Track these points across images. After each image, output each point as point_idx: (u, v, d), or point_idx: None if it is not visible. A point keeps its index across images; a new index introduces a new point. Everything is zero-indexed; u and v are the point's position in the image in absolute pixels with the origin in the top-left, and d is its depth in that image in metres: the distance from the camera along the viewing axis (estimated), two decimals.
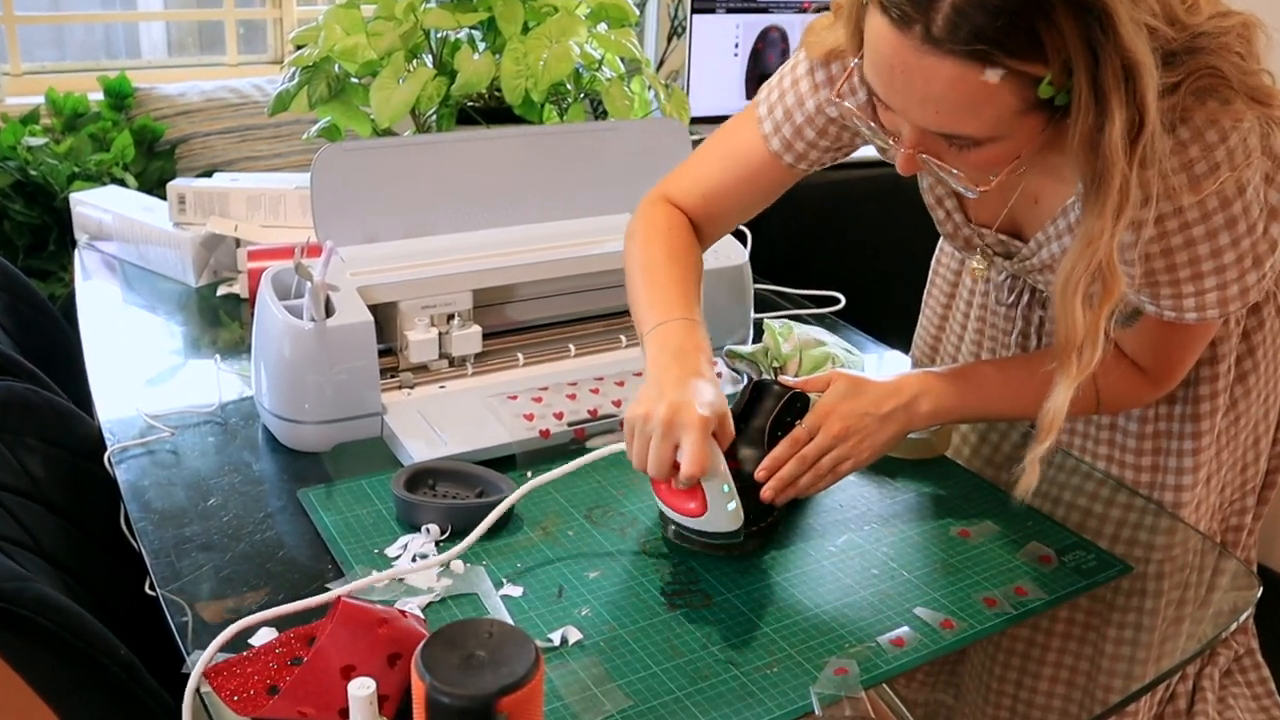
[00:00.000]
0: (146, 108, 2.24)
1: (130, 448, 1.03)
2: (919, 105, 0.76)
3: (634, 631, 0.81)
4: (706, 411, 0.80)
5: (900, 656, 0.79)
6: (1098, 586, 0.89)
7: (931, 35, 0.71)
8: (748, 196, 1.02)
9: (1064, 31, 0.69)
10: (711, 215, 1.02)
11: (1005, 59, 0.70)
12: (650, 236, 0.98)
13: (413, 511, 0.91)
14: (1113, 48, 0.69)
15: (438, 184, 1.19)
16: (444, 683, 0.60)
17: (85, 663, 0.78)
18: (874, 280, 1.83)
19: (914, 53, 0.72)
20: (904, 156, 0.81)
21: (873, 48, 0.76)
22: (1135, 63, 0.69)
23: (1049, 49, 0.70)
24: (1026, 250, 0.97)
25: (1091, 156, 0.73)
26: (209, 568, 0.86)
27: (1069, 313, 0.77)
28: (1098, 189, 0.74)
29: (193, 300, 1.40)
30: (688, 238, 1.00)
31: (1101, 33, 0.68)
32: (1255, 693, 1.13)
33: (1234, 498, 1.11)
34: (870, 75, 0.78)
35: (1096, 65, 0.70)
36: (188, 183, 1.47)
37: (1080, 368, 0.78)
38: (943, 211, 1.03)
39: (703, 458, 0.79)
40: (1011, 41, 0.69)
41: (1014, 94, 0.72)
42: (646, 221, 1.01)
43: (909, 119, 0.78)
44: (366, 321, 1.03)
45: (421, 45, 1.44)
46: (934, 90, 0.73)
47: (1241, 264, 0.85)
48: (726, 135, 1.02)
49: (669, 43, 2.52)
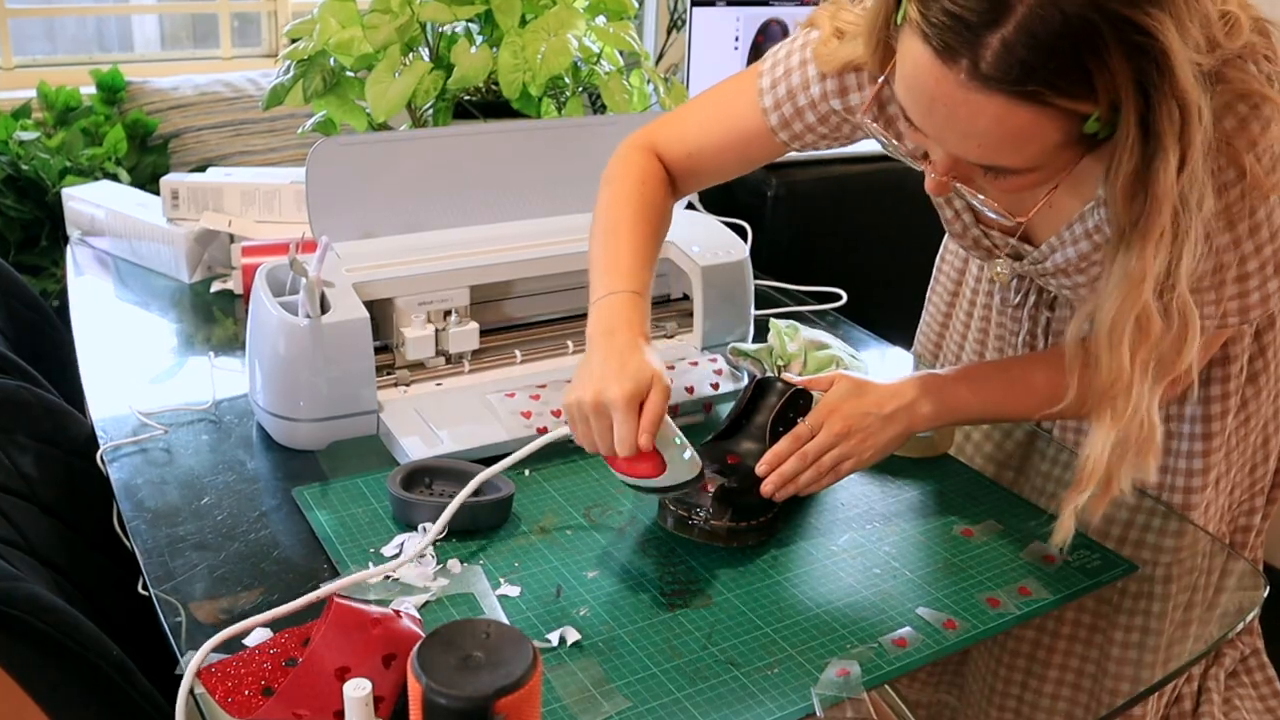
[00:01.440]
0: (139, 102, 2.22)
1: (123, 446, 1.03)
2: (960, 138, 0.73)
3: (633, 632, 0.80)
4: (628, 384, 0.81)
5: (903, 657, 0.79)
6: (1102, 586, 0.89)
7: (979, 71, 0.68)
8: (733, 162, 1.02)
9: (1115, 71, 0.67)
10: (694, 172, 1.02)
11: (1054, 98, 0.68)
12: (623, 189, 0.98)
13: (409, 510, 0.90)
14: (1168, 88, 0.67)
15: (434, 179, 1.19)
16: (441, 684, 0.59)
17: (77, 664, 0.77)
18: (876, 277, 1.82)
19: (960, 88, 0.70)
20: (934, 182, 0.80)
21: (911, 76, 0.73)
22: (1188, 102, 0.67)
23: (1099, 88, 0.68)
24: (1038, 254, 0.96)
25: (1136, 195, 0.71)
26: (203, 567, 0.85)
27: (1116, 360, 0.75)
28: (1141, 229, 0.72)
29: (186, 297, 1.39)
30: (660, 194, 0.99)
31: (1157, 74, 0.67)
32: (1261, 693, 1.13)
33: (1243, 498, 1.11)
34: (906, 101, 0.76)
35: (1148, 105, 0.68)
36: (181, 178, 1.46)
37: (1118, 415, 0.76)
38: (951, 211, 1.02)
39: (630, 435, 0.81)
40: (1061, 80, 0.67)
41: (1059, 130, 0.70)
42: (623, 169, 1.00)
43: (946, 148, 0.76)
44: (362, 318, 1.02)
45: (418, 38, 1.43)
46: (978, 126, 0.71)
47: (1264, 271, 0.84)
48: (724, 98, 1.00)
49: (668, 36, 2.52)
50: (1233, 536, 1.12)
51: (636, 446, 0.81)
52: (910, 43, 0.72)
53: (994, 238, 1.00)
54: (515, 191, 1.23)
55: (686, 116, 1.02)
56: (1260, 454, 1.08)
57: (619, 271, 0.91)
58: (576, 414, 0.84)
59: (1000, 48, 0.67)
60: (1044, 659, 0.83)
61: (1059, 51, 0.66)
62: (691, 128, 1.01)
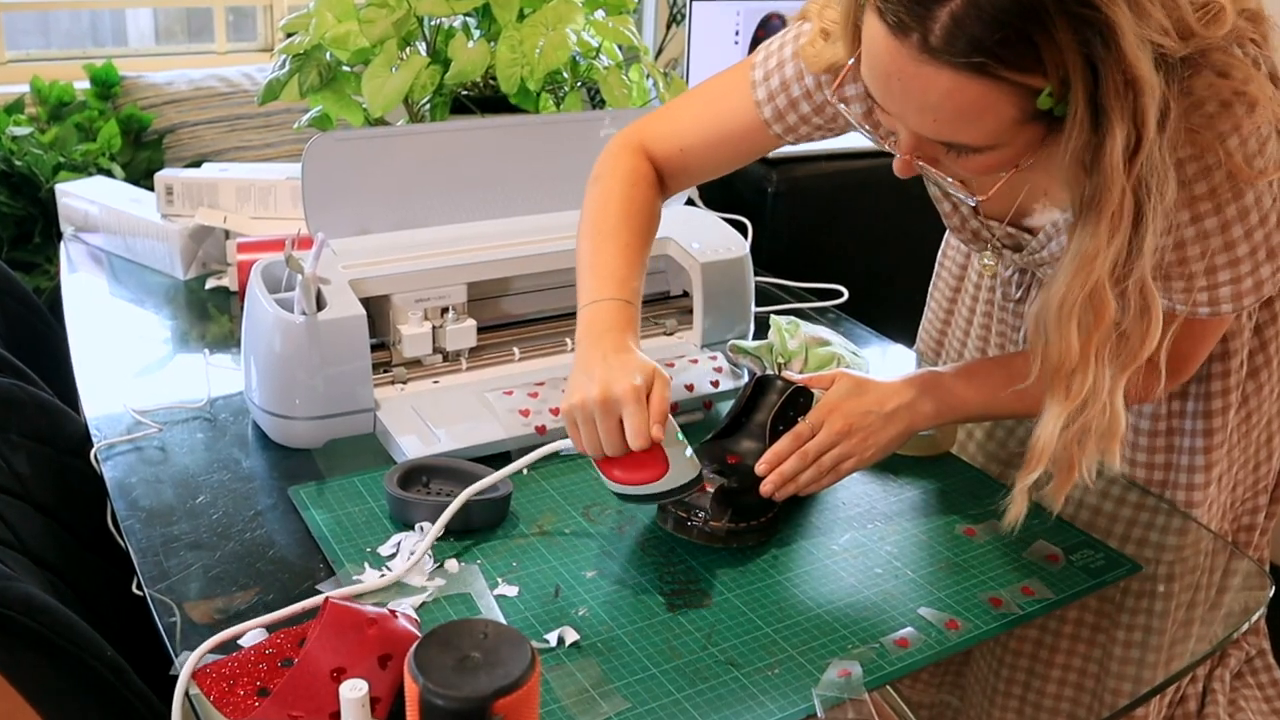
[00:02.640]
0: (133, 96, 2.21)
1: (117, 444, 1.02)
2: (916, 113, 0.75)
3: (632, 632, 0.80)
4: (637, 379, 0.81)
5: (905, 657, 0.78)
6: (1106, 586, 0.88)
7: (929, 45, 0.70)
8: (726, 157, 1.01)
9: (1062, 45, 0.67)
10: (685, 168, 1.01)
11: (1002, 70, 0.69)
12: (611, 190, 0.97)
13: (406, 509, 0.90)
14: (1114, 63, 0.67)
15: (432, 175, 1.18)
16: (438, 684, 0.59)
17: (71, 664, 0.77)
18: (877, 274, 1.82)
19: (911, 61, 0.71)
20: (900, 162, 0.81)
21: (870, 52, 0.75)
22: (1137, 78, 0.68)
23: (1047, 62, 0.69)
24: (1035, 243, 0.96)
25: (1085, 173, 0.72)
26: (198, 567, 0.85)
27: (1063, 338, 0.76)
28: (1093, 207, 0.72)
29: (181, 293, 1.39)
30: (649, 195, 0.99)
31: (1103, 47, 0.67)
32: (1266, 694, 1.12)
33: (1246, 496, 1.10)
34: (868, 79, 0.77)
35: (1096, 80, 0.68)
36: (176, 173, 1.46)
37: (1071, 396, 0.76)
38: (949, 205, 1.02)
39: (645, 425, 0.81)
40: (1009, 53, 0.68)
41: (1012, 105, 0.71)
42: (611, 168, 0.99)
43: (906, 125, 0.77)
44: (358, 315, 1.01)
45: (415, 33, 1.42)
46: (931, 99, 0.72)
47: (1255, 256, 0.83)
48: (715, 93, 1.00)
49: (668, 30, 2.51)
50: (1236, 535, 1.11)
51: (649, 439, 0.81)
52: (870, 21, 0.74)
53: (993, 230, 1.00)
54: (513, 187, 1.22)
55: (677, 112, 1.02)
56: (1264, 451, 1.08)
57: (610, 278, 0.91)
58: (580, 416, 0.83)
59: (949, 21, 0.68)
60: (1047, 659, 0.83)
61: (1004, 24, 0.67)
62: (683, 123, 1.00)
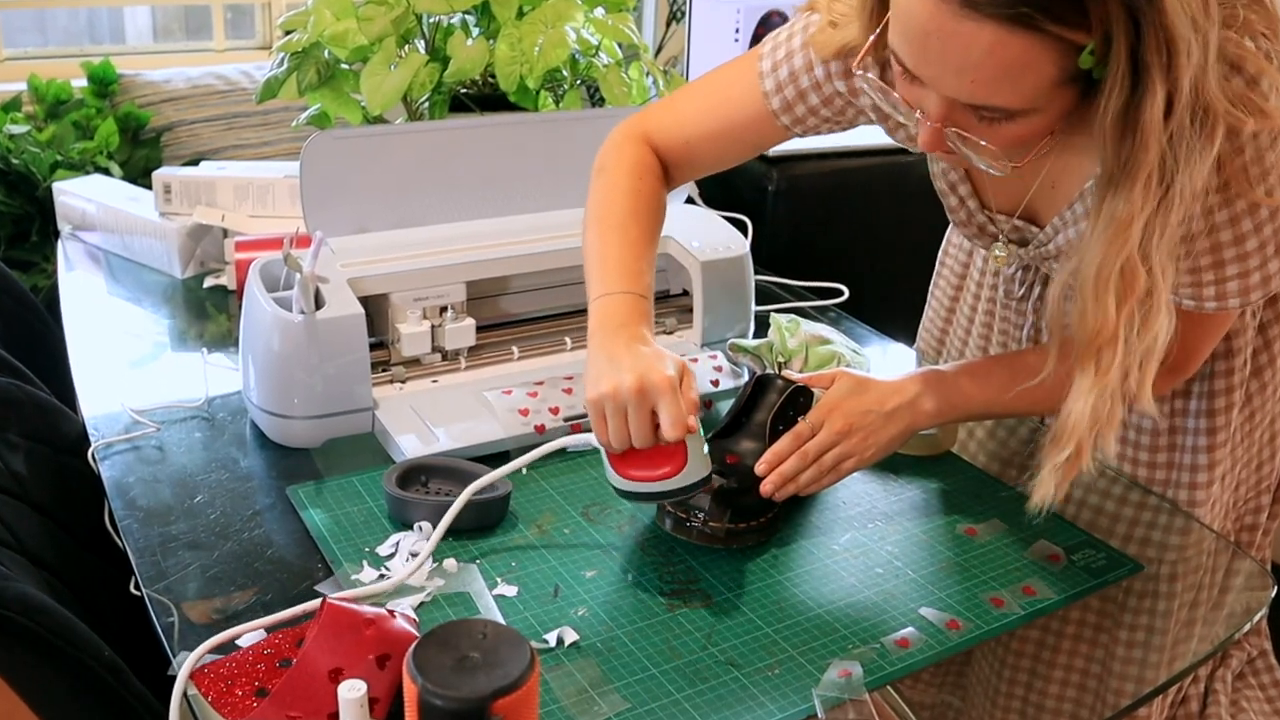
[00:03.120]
0: (131, 94, 2.21)
1: (115, 443, 1.02)
2: (955, 74, 0.73)
3: (632, 632, 0.79)
4: (670, 370, 0.81)
5: (905, 658, 0.78)
6: (1108, 586, 0.88)
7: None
8: (732, 149, 1.00)
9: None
10: (690, 160, 1.00)
11: (1048, 23, 0.68)
12: (616, 182, 0.96)
13: (405, 509, 0.89)
14: (1156, 17, 0.67)
15: (430, 173, 1.18)
16: (437, 685, 0.59)
17: (69, 665, 0.77)
18: (878, 272, 1.81)
19: (952, 17, 0.69)
20: (929, 131, 0.78)
21: (905, 14, 0.73)
22: (1175, 36, 0.67)
23: (1093, 16, 0.68)
24: (1043, 236, 0.95)
25: (1125, 133, 0.70)
26: (195, 567, 0.84)
27: (1101, 308, 0.74)
28: (1128, 172, 0.71)
29: (179, 292, 1.38)
30: (655, 187, 0.98)
31: (1147, 2, 0.66)
32: (1269, 695, 1.12)
33: (1249, 496, 1.10)
34: (900, 45, 0.75)
35: (1138, 37, 0.67)
36: (173, 172, 1.45)
37: (1101, 370, 0.75)
38: (955, 198, 1.01)
39: (682, 415, 0.80)
40: (1056, 5, 0.67)
41: (1053, 63, 0.70)
42: (616, 159, 0.98)
43: (941, 89, 0.75)
44: (357, 314, 1.01)
45: (414, 30, 1.42)
46: (972, 57, 0.70)
47: (1264, 251, 0.83)
48: (721, 84, 0.99)
49: (668, 27, 2.50)
50: (1239, 535, 1.11)
51: (685, 429, 0.80)
52: None
53: (999, 223, 0.99)
54: (512, 186, 1.22)
55: (682, 103, 1.01)
56: (1267, 450, 1.08)
57: (623, 271, 0.90)
58: (611, 406, 0.81)
59: None
60: (1048, 659, 0.82)
61: None
62: (688, 115, 0.99)
